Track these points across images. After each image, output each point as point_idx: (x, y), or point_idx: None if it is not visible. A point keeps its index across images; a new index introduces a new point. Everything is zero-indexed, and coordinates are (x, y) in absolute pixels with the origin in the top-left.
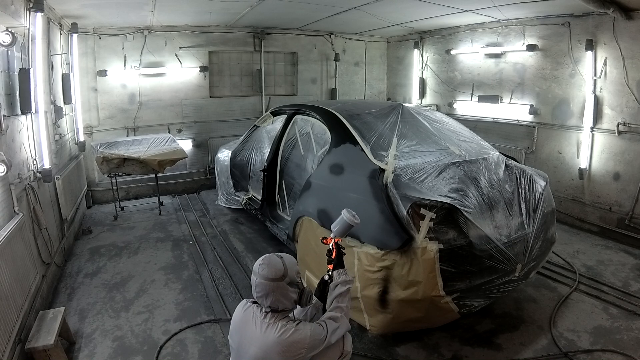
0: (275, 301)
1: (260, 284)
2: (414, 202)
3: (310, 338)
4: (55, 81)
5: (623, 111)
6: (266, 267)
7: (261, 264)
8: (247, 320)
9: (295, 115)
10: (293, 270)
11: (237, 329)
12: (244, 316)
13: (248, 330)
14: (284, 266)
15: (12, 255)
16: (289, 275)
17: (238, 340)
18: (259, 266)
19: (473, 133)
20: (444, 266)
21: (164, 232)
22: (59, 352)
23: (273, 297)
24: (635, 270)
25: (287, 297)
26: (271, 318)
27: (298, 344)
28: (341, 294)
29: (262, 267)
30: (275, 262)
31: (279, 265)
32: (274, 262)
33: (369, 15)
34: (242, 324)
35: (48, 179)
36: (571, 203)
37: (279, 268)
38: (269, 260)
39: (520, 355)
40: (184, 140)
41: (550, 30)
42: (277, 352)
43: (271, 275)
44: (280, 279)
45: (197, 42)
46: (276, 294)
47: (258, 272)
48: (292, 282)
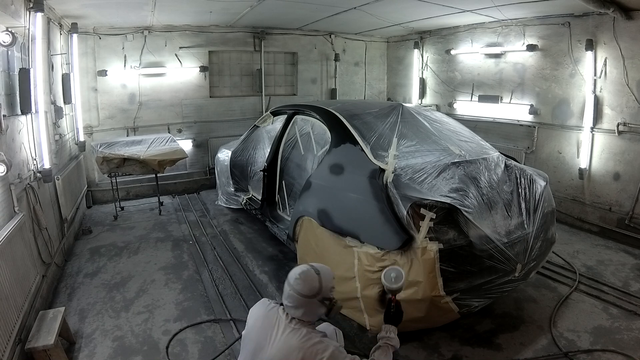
0: (303, 314)
1: (292, 297)
2: (414, 202)
3: (331, 354)
4: (55, 81)
5: (623, 111)
6: (301, 282)
7: (297, 278)
8: (270, 321)
9: (295, 115)
10: (328, 287)
11: (258, 329)
12: (267, 317)
13: (270, 332)
14: (319, 284)
15: (12, 255)
16: (322, 293)
17: (256, 340)
18: (295, 280)
19: (473, 133)
20: (444, 266)
21: (164, 232)
22: (59, 352)
23: (302, 310)
24: (635, 270)
25: (316, 312)
26: (297, 324)
27: (318, 355)
28: (380, 348)
29: (297, 281)
30: (311, 279)
31: (314, 283)
32: (310, 279)
33: (369, 15)
34: (264, 324)
35: (48, 179)
36: (571, 203)
37: (314, 286)
38: (306, 276)
39: (520, 355)
40: (184, 140)
41: (550, 30)
42: (296, 358)
43: (305, 292)
44: (313, 296)
45: (197, 42)
46: (306, 308)
47: (292, 285)
48: (325, 299)
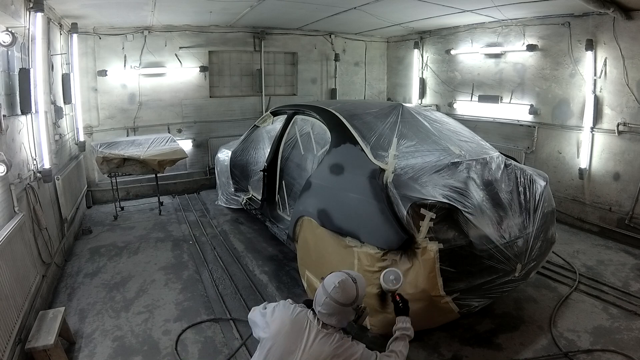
0: (336, 321)
1: (328, 304)
2: (414, 202)
3: (362, 356)
4: (55, 81)
5: (623, 111)
6: (340, 292)
7: (336, 287)
8: (300, 326)
9: (295, 115)
10: (363, 295)
11: (286, 333)
12: (295, 321)
13: (301, 337)
14: (357, 293)
15: (12, 255)
16: (357, 301)
17: (285, 344)
18: (333, 288)
19: (473, 133)
20: (444, 266)
21: (164, 232)
22: (59, 352)
23: (336, 317)
24: (635, 270)
25: (347, 319)
26: (329, 329)
27: (351, 358)
28: (397, 339)
29: (336, 290)
30: (350, 289)
31: (352, 292)
32: (349, 288)
33: (369, 15)
34: (292, 328)
35: (48, 179)
36: (571, 203)
37: (352, 295)
38: (345, 285)
39: (520, 355)
40: (184, 140)
41: (550, 30)
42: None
43: (342, 301)
44: (350, 305)
45: (197, 42)
46: (340, 316)
47: (330, 294)
48: (358, 306)
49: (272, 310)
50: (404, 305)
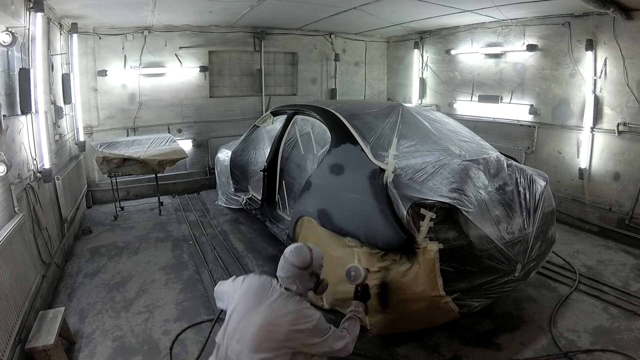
0: (294, 285)
1: (286, 267)
2: (414, 202)
3: (318, 321)
4: (55, 81)
5: (623, 111)
6: (296, 255)
7: (292, 251)
8: (265, 288)
9: (295, 115)
10: (317, 263)
11: (252, 293)
12: (261, 284)
13: (263, 296)
14: (310, 259)
15: (12, 255)
16: (312, 267)
17: (249, 302)
18: (290, 252)
19: (473, 133)
20: (444, 266)
21: (164, 232)
22: (59, 352)
23: (294, 281)
24: (635, 270)
25: (305, 285)
26: (289, 292)
27: (308, 318)
28: (349, 319)
29: (292, 253)
30: (304, 253)
31: (307, 257)
32: (303, 253)
33: (369, 15)
34: (258, 290)
35: (48, 179)
36: (571, 203)
37: (306, 259)
38: (300, 250)
39: (520, 355)
40: (184, 140)
41: (550, 30)
42: (288, 321)
43: (297, 264)
44: (304, 268)
45: (197, 42)
46: (297, 279)
47: (287, 257)
48: (314, 274)
49: (242, 279)
50: (362, 294)
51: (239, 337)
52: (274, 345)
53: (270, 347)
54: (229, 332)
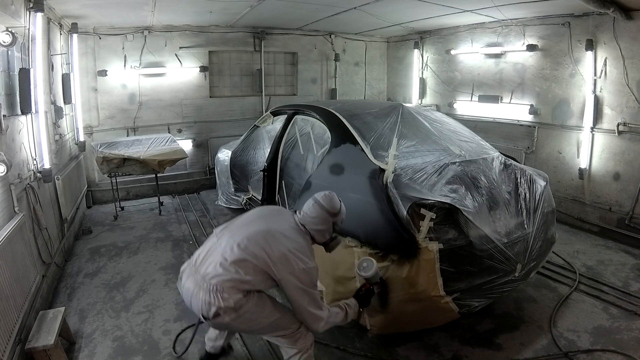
0: (316, 228)
1: (314, 208)
2: (414, 202)
3: (312, 270)
4: (55, 81)
5: (623, 111)
6: (328, 199)
7: (325, 195)
8: (284, 215)
9: (295, 115)
10: (342, 216)
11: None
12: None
13: (281, 219)
14: (340, 207)
15: (12, 255)
16: (338, 217)
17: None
18: (322, 196)
19: (473, 133)
20: (444, 266)
21: (164, 232)
22: (59, 352)
23: (318, 224)
24: (635, 270)
25: (323, 234)
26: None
27: (307, 260)
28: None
29: (324, 197)
30: (335, 200)
31: (337, 204)
32: (335, 200)
33: (369, 15)
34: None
35: (48, 179)
36: (571, 203)
37: (337, 205)
38: (332, 196)
39: (520, 355)
40: (184, 140)
41: (550, 30)
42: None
43: (327, 207)
44: (332, 215)
45: (197, 42)
46: (321, 225)
47: (318, 199)
48: (335, 225)
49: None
50: (363, 296)
51: (236, 232)
52: (260, 256)
53: (255, 254)
54: (230, 228)
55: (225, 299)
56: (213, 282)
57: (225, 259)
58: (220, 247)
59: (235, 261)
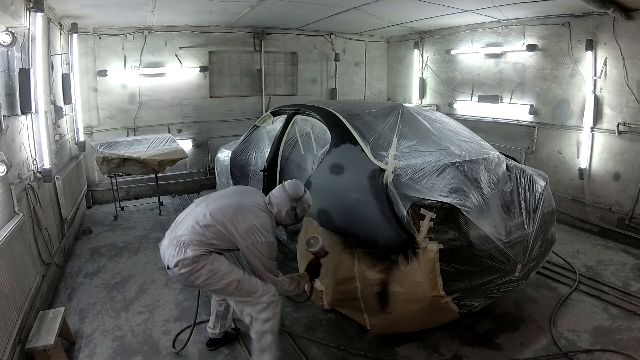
0: (277, 209)
1: (279, 191)
2: (414, 202)
3: (272, 243)
4: (55, 81)
5: (623, 111)
6: (292, 186)
7: (290, 182)
8: (255, 193)
9: (295, 115)
10: (304, 205)
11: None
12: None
13: (249, 194)
14: (302, 195)
15: (12, 255)
16: (298, 204)
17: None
18: (289, 182)
19: (473, 133)
20: (444, 266)
21: (164, 232)
22: (59, 352)
23: (280, 204)
24: (635, 270)
25: (283, 217)
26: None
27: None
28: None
29: (290, 183)
30: (299, 188)
31: (300, 192)
32: (299, 188)
33: (369, 15)
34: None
35: (48, 179)
36: (571, 203)
37: (298, 193)
38: (297, 183)
39: (520, 355)
40: (184, 140)
41: (550, 30)
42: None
43: (289, 192)
44: (292, 200)
45: (197, 42)
46: (281, 206)
47: (284, 185)
48: (294, 211)
49: None
50: (312, 269)
51: (211, 202)
52: (227, 226)
53: (224, 223)
54: (207, 199)
55: (186, 252)
56: (182, 239)
57: (197, 222)
58: (194, 214)
59: (205, 225)
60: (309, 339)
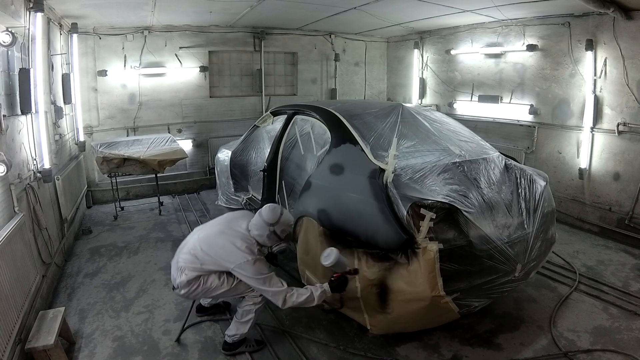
0: (256, 233)
1: (257, 218)
2: (414, 202)
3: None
4: (55, 81)
5: (623, 111)
6: (268, 211)
7: (267, 207)
8: (239, 220)
9: (295, 115)
10: (283, 225)
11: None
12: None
13: (234, 222)
14: (278, 217)
15: (12, 255)
16: (276, 227)
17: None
18: (265, 208)
19: (473, 133)
20: (444, 266)
21: (164, 232)
22: (59, 352)
23: (259, 232)
24: (635, 270)
25: (265, 240)
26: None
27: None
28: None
29: (266, 209)
30: (275, 212)
31: (276, 215)
32: (275, 212)
33: (369, 15)
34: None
35: (48, 179)
36: (571, 203)
37: (275, 216)
38: (273, 208)
39: (520, 355)
40: (184, 140)
41: (550, 30)
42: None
43: (266, 218)
44: (268, 224)
45: (197, 42)
46: (258, 230)
47: (260, 212)
48: (276, 233)
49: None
50: (336, 282)
51: (205, 230)
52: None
53: (214, 251)
54: (201, 229)
55: (182, 277)
56: (180, 265)
57: (190, 250)
58: (192, 242)
59: (196, 254)
60: (309, 339)
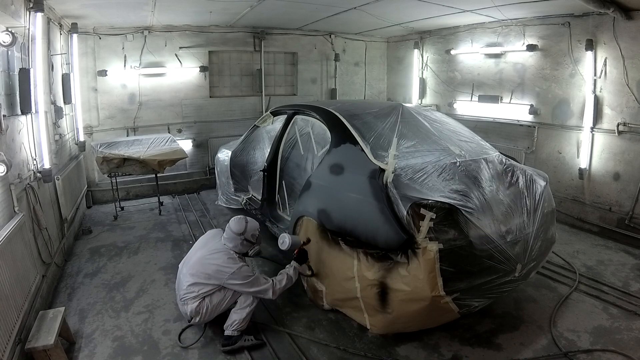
0: (229, 244)
1: (227, 232)
2: (414, 202)
3: (240, 269)
4: (55, 81)
5: (623, 111)
6: (234, 223)
7: (233, 219)
8: (215, 240)
9: (295, 115)
10: (250, 232)
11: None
12: (213, 236)
13: (210, 242)
14: (245, 228)
15: (12, 255)
16: (245, 235)
17: (201, 242)
18: (232, 220)
19: (473, 133)
20: (444, 266)
21: (164, 232)
22: (59, 352)
23: (232, 243)
24: (635, 270)
25: (240, 248)
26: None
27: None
28: (281, 274)
29: (233, 221)
30: (240, 223)
31: (241, 226)
32: (240, 223)
33: (369, 15)
34: (210, 237)
35: (48, 179)
36: (571, 203)
37: (241, 227)
38: (238, 220)
39: (520, 355)
40: (184, 140)
41: (550, 30)
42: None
43: (233, 229)
44: (239, 234)
45: (197, 42)
46: (234, 242)
47: (229, 224)
48: (247, 240)
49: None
50: (298, 256)
51: (187, 262)
52: (205, 276)
53: (202, 275)
54: (186, 260)
55: (189, 308)
56: (182, 299)
57: (184, 284)
58: (182, 278)
59: (189, 285)
60: (309, 339)
